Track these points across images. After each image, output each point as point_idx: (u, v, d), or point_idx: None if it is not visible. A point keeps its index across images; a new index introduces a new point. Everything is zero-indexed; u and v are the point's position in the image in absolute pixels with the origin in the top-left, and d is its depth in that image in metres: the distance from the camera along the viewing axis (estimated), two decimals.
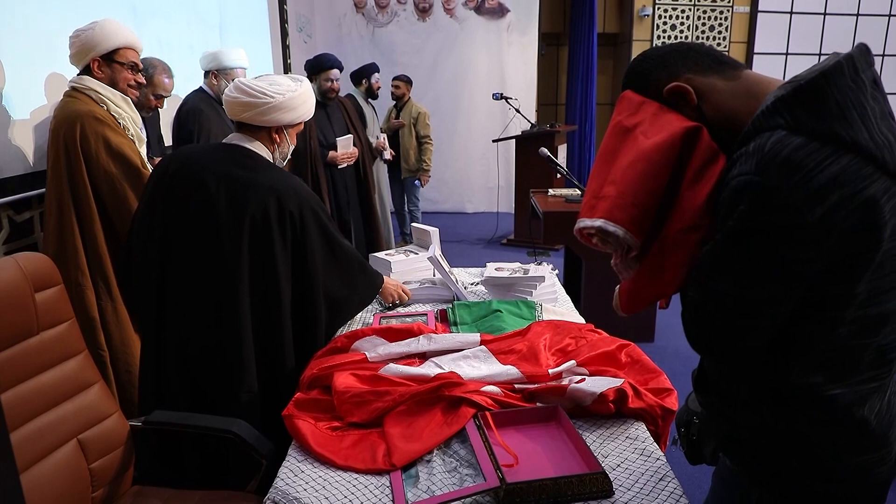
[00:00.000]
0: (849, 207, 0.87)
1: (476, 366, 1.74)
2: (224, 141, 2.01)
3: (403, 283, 2.48)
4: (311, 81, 4.76)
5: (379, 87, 5.46)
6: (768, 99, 0.95)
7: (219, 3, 4.56)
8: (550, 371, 1.68)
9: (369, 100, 5.46)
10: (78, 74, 2.46)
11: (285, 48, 5.86)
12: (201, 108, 3.33)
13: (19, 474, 0.62)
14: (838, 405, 0.97)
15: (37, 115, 2.64)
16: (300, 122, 2.04)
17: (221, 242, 1.86)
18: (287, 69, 5.84)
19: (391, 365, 1.73)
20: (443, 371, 1.69)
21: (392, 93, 5.87)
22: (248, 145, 1.95)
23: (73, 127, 2.32)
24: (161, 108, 2.86)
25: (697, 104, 1.05)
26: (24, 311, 1.47)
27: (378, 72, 5.48)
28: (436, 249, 2.72)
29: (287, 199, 1.87)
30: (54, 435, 1.52)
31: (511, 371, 1.68)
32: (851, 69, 0.92)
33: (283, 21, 5.82)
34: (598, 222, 1.08)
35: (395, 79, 5.85)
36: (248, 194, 1.85)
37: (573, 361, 1.72)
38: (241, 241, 1.85)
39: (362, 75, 5.41)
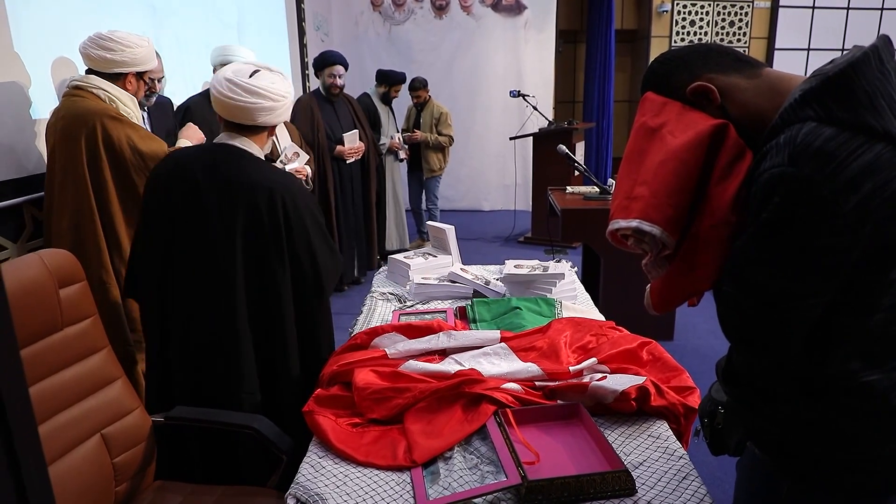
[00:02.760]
0: (883, 196, 0.87)
1: (496, 363, 1.73)
2: (215, 141, 1.98)
3: (423, 278, 2.49)
4: (317, 77, 4.83)
5: (396, 97, 5.48)
6: (795, 92, 0.96)
7: (237, 2, 4.58)
8: (571, 368, 1.67)
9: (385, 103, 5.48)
10: (86, 73, 2.49)
11: (302, 47, 5.87)
12: (188, 105, 3.39)
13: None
14: (875, 392, 0.96)
15: None
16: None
17: (214, 242, 1.86)
18: (304, 68, 5.86)
19: (411, 362, 1.73)
20: (463, 368, 1.68)
21: (414, 104, 5.83)
22: (239, 144, 1.92)
23: (91, 125, 2.33)
24: (157, 91, 2.84)
25: (721, 103, 1.06)
26: (49, 307, 1.48)
27: (403, 83, 5.47)
28: (454, 254, 2.73)
29: (277, 192, 1.85)
30: (78, 430, 1.54)
31: (532, 368, 1.67)
32: (877, 60, 0.93)
33: (301, 19, 5.84)
34: (634, 223, 1.08)
35: (411, 90, 5.73)
36: (238, 192, 1.84)
37: (594, 359, 1.71)
38: (234, 239, 1.85)
39: (386, 80, 5.39)
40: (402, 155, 5.53)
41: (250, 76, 1.89)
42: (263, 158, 1.97)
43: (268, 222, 1.85)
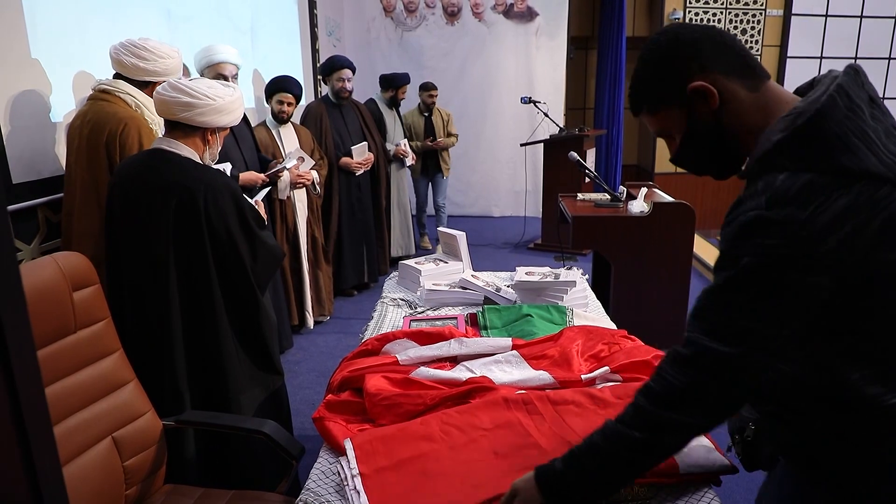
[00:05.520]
0: (865, 234, 0.89)
1: (508, 370, 1.73)
2: (152, 146, 2.06)
3: (433, 284, 2.49)
4: (325, 83, 4.84)
5: (403, 98, 5.51)
6: (771, 136, 0.96)
7: (251, 7, 4.61)
8: (584, 377, 1.66)
9: (392, 107, 5.50)
10: (114, 77, 2.52)
11: (315, 52, 5.90)
12: None
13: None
14: None
15: (70, 118, 2.66)
16: (230, 126, 2.12)
17: (149, 245, 1.94)
18: (316, 73, 5.88)
19: (422, 369, 1.72)
20: (474, 375, 1.68)
21: (430, 104, 5.89)
22: (169, 147, 2.00)
23: (116, 130, 2.34)
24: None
25: (717, 108, 1.04)
26: (63, 310, 1.49)
27: (409, 83, 5.51)
28: (465, 260, 2.73)
29: (197, 191, 1.93)
30: (90, 432, 1.54)
31: (543, 376, 1.66)
32: (845, 98, 0.93)
33: (313, 25, 5.86)
34: None
35: (430, 89, 5.86)
36: (163, 194, 1.93)
37: (607, 368, 1.70)
38: (167, 240, 1.93)
39: (392, 84, 5.43)
40: (409, 161, 5.51)
41: (189, 80, 2.02)
42: (198, 160, 2.04)
43: (191, 220, 1.93)
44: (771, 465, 1.20)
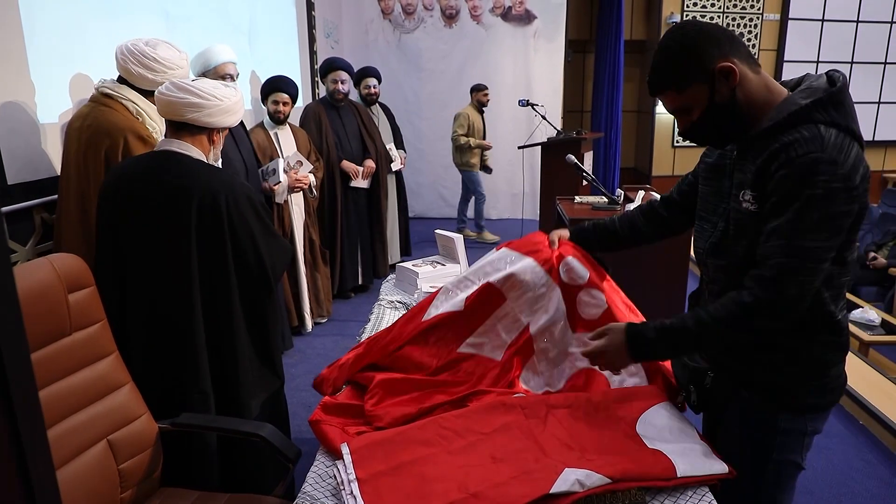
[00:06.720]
0: (867, 177, 1.21)
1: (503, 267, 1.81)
2: (157, 147, 2.03)
3: (431, 286, 2.48)
4: (322, 83, 4.84)
5: (371, 94, 5.26)
6: (798, 101, 1.23)
7: (249, 9, 4.61)
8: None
9: (380, 106, 5.43)
10: (117, 80, 2.49)
11: (313, 54, 5.89)
12: None
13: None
14: (843, 327, 1.33)
15: (65, 118, 2.65)
16: (231, 126, 2.11)
17: (165, 248, 1.91)
18: (314, 74, 5.88)
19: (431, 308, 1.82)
20: (476, 285, 1.80)
21: (485, 102, 6.44)
22: (177, 149, 1.96)
23: (117, 141, 2.31)
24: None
25: (735, 86, 1.26)
26: (58, 312, 1.48)
27: (373, 77, 5.26)
28: (462, 262, 2.72)
29: (219, 193, 1.91)
30: (85, 435, 1.53)
31: (528, 262, 1.81)
32: (846, 82, 1.26)
33: (311, 27, 5.86)
34: None
35: (484, 89, 6.41)
36: (181, 197, 1.89)
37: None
38: (187, 243, 1.89)
39: (356, 80, 5.25)
40: (395, 166, 5.40)
41: (192, 80, 1.99)
42: (205, 160, 2.01)
43: (212, 223, 1.91)
44: (723, 407, 1.46)
